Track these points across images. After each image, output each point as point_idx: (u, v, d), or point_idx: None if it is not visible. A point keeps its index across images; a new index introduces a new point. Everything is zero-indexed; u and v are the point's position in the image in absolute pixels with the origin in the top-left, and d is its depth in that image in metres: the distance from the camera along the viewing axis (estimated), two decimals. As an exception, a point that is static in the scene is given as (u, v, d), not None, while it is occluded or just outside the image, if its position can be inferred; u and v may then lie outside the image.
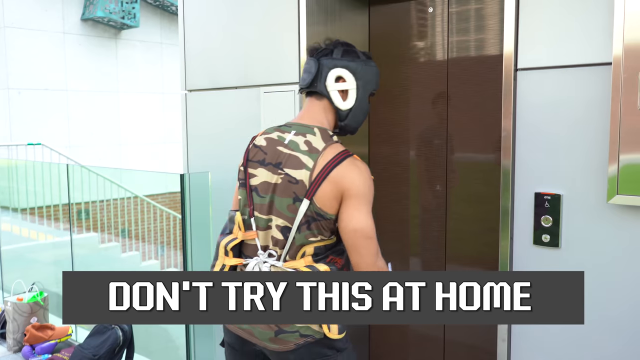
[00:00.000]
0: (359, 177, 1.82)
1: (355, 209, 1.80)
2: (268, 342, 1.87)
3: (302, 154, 1.85)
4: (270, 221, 1.88)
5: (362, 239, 1.81)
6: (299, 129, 1.92)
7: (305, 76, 1.94)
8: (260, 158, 1.93)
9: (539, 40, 2.16)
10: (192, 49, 3.50)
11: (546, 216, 2.17)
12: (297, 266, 1.84)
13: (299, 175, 1.83)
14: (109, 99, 10.63)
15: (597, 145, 2.04)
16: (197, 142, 3.53)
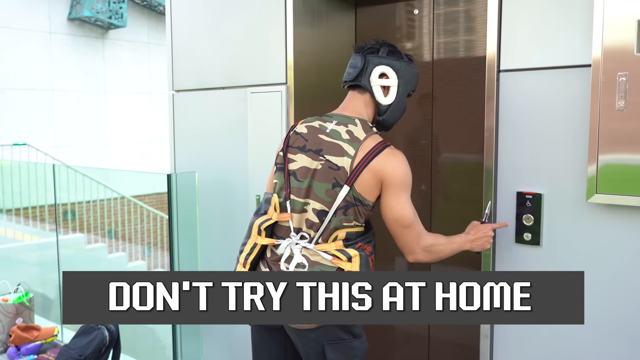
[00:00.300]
0: (397, 166, 1.93)
1: (393, 199, 1.93)
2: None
3: (344, 142, 1.95)
4: (307, 205, 1.96)
5: (400, 228, 1.95)
6: (340, 119, 2.02)
7: (351, 70, 2.05)
8: (301, 144, 2.01)
9: (521, 42, 2.20)
10: (179, 49, 3.51)
11: (528, 215, 2.21)
12: (329, 249, 1.93)
13: (341, 162, 1.92)
14: (95, 99, 10.58)
15: (577, 145, 2.08)
16: (184, 143, 3.54)
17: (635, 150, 1.91)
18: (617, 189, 1.96)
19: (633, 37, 1.90)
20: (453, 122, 2.91)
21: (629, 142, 1.92)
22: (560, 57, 2.12)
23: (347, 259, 1.92)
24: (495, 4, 2.24)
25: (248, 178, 3.15)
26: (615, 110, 1.94)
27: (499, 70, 2.26)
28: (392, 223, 1.96)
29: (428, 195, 2.99)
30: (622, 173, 1.94)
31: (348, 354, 1.96)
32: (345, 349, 1.95)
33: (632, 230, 1.99)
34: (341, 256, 1.92)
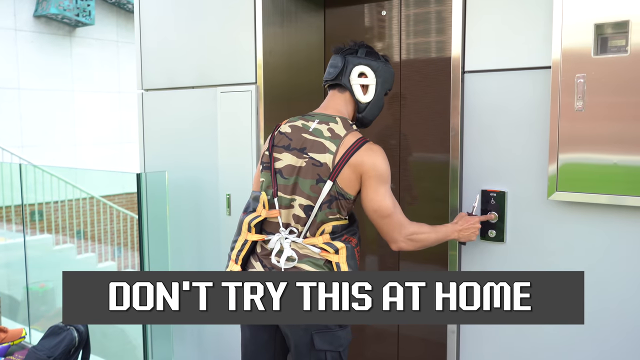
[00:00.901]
0: (375, 159, 2.04)
1: (373, 191, 2.04)
2: None
3: (325, 139, 2.05)
4: (294, 200, 2.06)
5: (381, 218, 2.06)
6: (322, 117, 2.13)
7: (332, 70, 2.16)
8: (286, 143, 2.11)
9: (485, 44, 2.26)
10: (148, 48, 3.50)
11: (492, 212, 2.27)
12: (316, 242, 2.04)
13: (323, 159, 2.03)
14: (63, 97, 10.41)
15: (538, 145, 2.15)
16: (154, 142, 3.53)
17: (593, 150, 1.98)
18: (577, 187, 2.03)
19: (590, 40, 1.97)
20: (421, 121, 2.96)
21: (587, 141, 1.99)
22: (522, 59, 2.18)
23: (334, 251, 2.03)
24: (460, 7, 2.29)
25: (218, 177, 3.15)
26: (574, 111, 2.01)
27: (464, 71, 2.32)
28: (373, 214, 2.06)
29: (397, 194, 3.04)
30: (581, 171, 2.01)
31: (334, 342, 2.05)
32: (332, 338, 2.05)
33: (592, 227, 2.06)
34: (328, 249, 2.03)
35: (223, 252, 3.15)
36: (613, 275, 2.04)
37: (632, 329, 2.02)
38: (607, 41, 1.98)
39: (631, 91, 1.91)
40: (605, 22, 1.95)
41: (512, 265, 2.25)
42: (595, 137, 1.98)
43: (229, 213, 3.13)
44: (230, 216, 3.12)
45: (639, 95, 1.90)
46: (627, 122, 1.92)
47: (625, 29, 1.91)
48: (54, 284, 4.85)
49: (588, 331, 2.10)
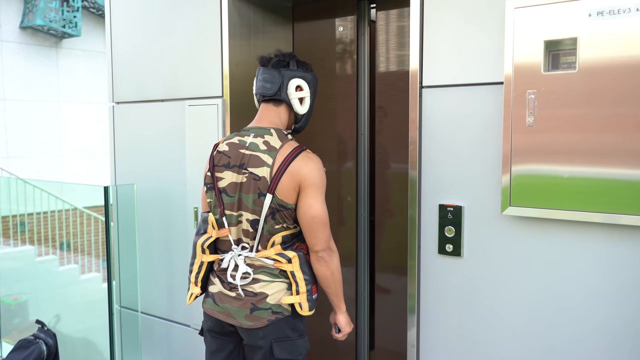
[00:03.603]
0: (313, 168, 2.07)
1: (312, 198, 2.06)
2: (244, 320, 2.10)
3: (262, 153, 2.09)
4: (241, 216, 2.11)
5: (319, 225, 2.07)
6: (257, 131, 2.16)
7: (269, 85, 2.17)
8: (225, 162, 2.15)
9: (442, 60, 2.28)
10: (119, 61, 3.51)
11: (449, 227, 2.28)
12: (269, 254, 2.09)
13: (261, 172, 2.07)
14: (49, 108, 10.40)
15: (493, 159, 2.17)
16: (124, 154, 3.53)
17: (544, 164, 2.00)
18: (529, 202, 2.04)
19: (541, 57, 1.99)
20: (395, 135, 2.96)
21: (538, 156, 2.01)
22: (476, 74, 2.20)
23: (287, 261, 2.09)
24: (417, 23, 2.31)
25: (187, 190, 3.15)
26: (525, 126, 2.03)
27: (422, 86, 2.34)
28: (310, 220, 2.07)
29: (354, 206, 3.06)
30: (532, 186, 2.03)
31: (293, 351, 2.12)
32: (291, 347, 2.11)
33: (544, 242, 2.07)
34: (281, 259, 2.08)
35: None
36: (568, 291, 2.05)
37: (585, 337, 2.03)
38: (558, 57, 2.00)
39: (581, 106, 1.92)
40: (554, 39, 1.97)
41: (469, 280, 2.26)
42: (546, 152, 1.99)
43: (196, 226, 3.12)
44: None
45: (588, 109, 1.91)
46: (577, 136, 1.93)
47: (574, 46, 1.93)
48: (27, 297, 4.82)
49: (544, 346, 2.11)
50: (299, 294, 2.09)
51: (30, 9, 9.87)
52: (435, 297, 2.35)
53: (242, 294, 2.10)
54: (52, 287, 6.69)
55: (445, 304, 2.32)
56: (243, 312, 2.10)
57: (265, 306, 2.08)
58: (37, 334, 3.55)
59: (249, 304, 2.09)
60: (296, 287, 2.09)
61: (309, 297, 2.11)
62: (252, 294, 2.10)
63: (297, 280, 2.09)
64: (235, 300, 2.12)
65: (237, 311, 2.11)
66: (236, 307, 2.11)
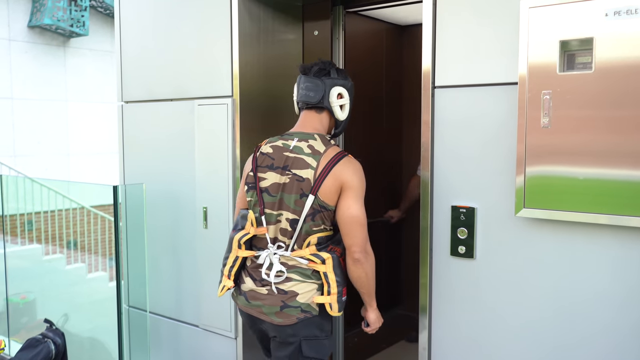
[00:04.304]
0: (354, 172, 2.17)
1: (351, 199, 2.15)
2: (274, 317, 2.18)
3: (306, 156, 2.19)
4: (280, 215, 2.20)
5: (356, 225, 2.15)
6: (301, 136, 2.26)
7: (312, 94, 2.26)
8: (269, 163, 2.24)
9: (455, 59, 2.26)
10: (128, 60, 3.50)
11: (462, 228, 2.26)
12: (304, 254, 2.17)
13: (305, 174, 2.16)
14: (56, 107, 10.41)
15: (507, 160, 2.14)
16: (133, 154, 3.53)
17: (560, 165, 1.97)
18: (544, 204, 2.01)
19: (556, 57, 1.97)
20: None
21: (553, 158, 1.98)
22: (490, 74, 2.18)
23: (321, 262, 2.16)
24: (430, 23, 2.29)
25: (196, 189, 3.14)
26: (540, 127, 2.00)
27: (434, 87, 2.32)
28: (349, 220, 2.14)
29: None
30: (548, 188, 2.00)
31: (320, 351, 2.21)
32: (318, 346, 2.21)
33: (558, 244, 2.05)
34: (315, 259, 2.16)
35: (200, 264, 3.14)
36: (581, 293, 2.02)
37: (594, 339, 2.00)
38: (573, 58, 1.97)
39: (597, 107, 1.90)
40: (570, 39, 1.94)
41: (481, 282, 2.24)
42: (561, 152, 1.97)
43: (205, 226, 3.11)
44: (207, 229, 3.11)
45: (604, 110, 1.89)
46: (593, 137, 1.91)
47: (590, 46, 1.91)
48: (35, 296, 4.82)
49: (554, 349, 2.09)
50: (330, 294, 2.16)
51: (38, 8, 9.89)
52: (447, 299, 2.33)
53: (274, 291, 2.18)
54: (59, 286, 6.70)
55: (457, 305, 2.30)
56: (274, 309, 2.18)
57: (294, 304, 2.16)
58: (45, 333, 3.54)
59: (279, 301, 2.17)
60: (328, 288, 2.16)
61: (339, 299, 2.17)
62: (282, 292, 2.18)
63: (329, 282, 2.16)
64: (267, 297, 2.20)
65: (268, 308, 2.19)
66: (267, 304, 2.19)
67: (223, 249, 3.02)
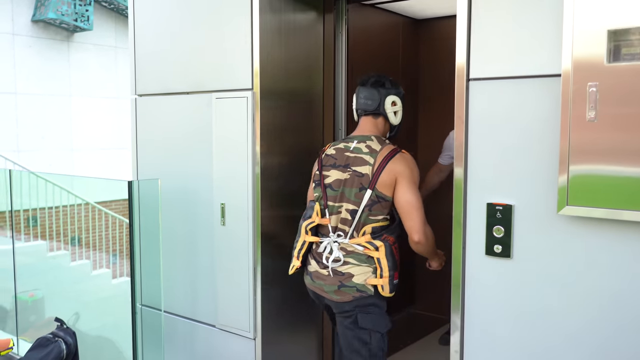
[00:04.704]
0: (406, 165, 2.49)
1: (405, 187, 2.46)
2: (333, 295, 2.53)
3: (364, 154, 2.51)
4: (341, 207, 2.52)
5: (412, 209, 2.44)
6: (360, 138, 2.59)
7: (370, 102, 2.60)
8: (332, 163, 2.59)
9: (491, 51, 2.17)
10: (142, 52, 3.40)
11: (498, 226, 2.17)
12: (360, 242, 2.48)
13: (364, 170, 2.49)
14: (60, 102, 10.30)
15: (547, 156, 2.05)
16: (147, 148, 3.43)
17: (606, 161, 1.88)
18: (589, 201, 1.92)
19: (603, 47, 1.87)
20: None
21: (599, 153, 1.89)
22: (530, 66, 2.08)
23: (374, 249, 2.45)
24: (465, 11, 2.19)
25: (213, 185, 3.05)
26: (585, 121, 1.91)
27: (469, 79, 2.22)
28: (405, 204, 2.45)
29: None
30: (593, 184, 1.91)
31: (376, 324, 2.49)
32: (373, 319, 2.49)
33: (604, 243, 1.95)
34: (370, 247, 2.46)
35: (217, 262, 3.06)
36: (627, 295, 1.93)
37: (646, 351, 1.91)
38: (620, 48, 1.88)
39: (646, 101, 1.81)
40: (618, 29, 1.85)
41: (518, 282, 2.14)
42: (608, 148, 1.87)
43: (223, 223, 3.02)
44: (224, 226, 3.02)
45: (654, 105, 1.80)
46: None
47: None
48: (43, 294, 4.73)
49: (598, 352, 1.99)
50: (382, 277, 2.44)
51: (42, 2, 9.78)
52: (481, 300, 2.24)
53: (331, 274, 2.50)
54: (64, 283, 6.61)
55: (492, 307, 2.21)
56: (332, 288, 2.51)
57: (350, 284, 2.47)
58: (56, 332, 3.45)
59: (337, 281, 2.50)
60: (380, 272, 2.44)
61: (390, 281, 2.45)
62: (340, 274, 2.50)
63: (381, 267, 2.44)
64: (327, 277, 2.53)
65: (328, 287, 2.53)
66: (327, 284, 2.53)
67: (241, 246, 2.94)
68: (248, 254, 2.94)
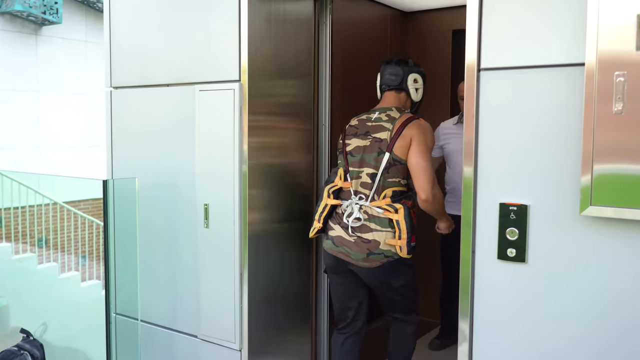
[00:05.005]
0: (419, 130, 2.63)
1: (416, 150, 2.60)
2: (361, 262, 2.65)
3: (384, 122, 2.68)
4: (362, 172, 2.68)
5: (420, 169, 2.59)
6: (381, 110, 2.74)
7: (394, 77, 2.76)
8: (353, 132, 2.75)
9: (504, 37, 2.00)
10: (119, 42, 3.17)
11: (512, 228, 2.01)
12: (380, 204, 2.62)
13: (383, 136, 2.65)
14: (27, 98, 9.90)
15: (567, 152, 1.89)
16: (123, 144, 3.20)
17: (635, 159, 1.72)
18: (615, 201, 1.77)
19: (632, 34, 1.72)
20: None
21: (627, 149, 1.74)
22: (550, 54, 1.92)
23: (394, 211, 2.59)
24: (477, -5, 2.02)
25: (196, 184, 2.84)
26: (612, 114, 1.75)
27: (480, 69, 2.05)
28: (416, 165, 2.59)
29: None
30: (620, 183, 1.75)
31: (406, 278, 2.71)
32: (403, 275, 2.69)
33: (632, 247, 1.80)
34: (390, 209, 2.60)
35: (200, 267, 2.85)
36: (653, 303, 1.78)
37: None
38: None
39: (679, 92, 1.66)
40: (650, 13, 1.69)
41: (534, 288, 1.98)
42: (637, 143, 1.72)
43: (206, 225, 2.81)
44: (208, 228, 2.80)
45: (688, 96, 1.65)
46: (674, 128, 1.67)
47: (674, 20, 1.66)
48: (8, 300, 4.43)
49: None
50: (400, 239, 2.58)
51: (8, -7, 9.38)
52: (493, 307, 2.07)
53: (359, 240, 2.62)
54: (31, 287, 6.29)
55: (504, 314, 2.05)
56: (360, 256, 2.63)
57: (378, 251, 2.61)
58: (21, 344, 3.20)
59: (365, 249, 2.62)
60: (399, 234, 2.58)
61: (408, 243, 2.59)
62: (367, 241, 2.61)
63: (400, 228, 2.57)
64: (354, 245, 2.64)
65: (356, 254, 2.64)
66: (354, 251, 2.64)
67: (227, 250, 2.74)
68: (234, 258, 2.73)
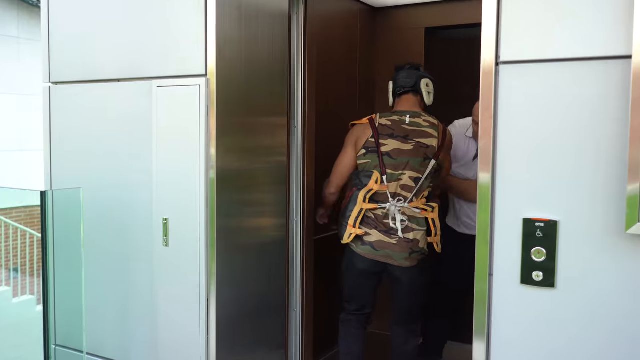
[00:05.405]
0: (451, 140, 2.96)
1: (449, 157, 2.99)
2: (403, 261, 2.72)
3: (426, 128, 2.77)
4: (403, 175, 2.72)
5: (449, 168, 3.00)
6: (411, 114, 2.80)
7: (409, 80, 2.86)
8: (389, 132, 2.74)
9: (528, 25, 1.72)
10: (59, 29, 2.75)
11: (538, 248, 1.73)
12: (419, 205, 2.73)
13: (430, 142, 2.75)
14: (-48, 99, 9.17)
15: (606, 160, 1.62)
16: (64, 148, 2.77)
17: (694, 167, 1.47)
18: (668, 217, 1.51)
19: (690, 20, 1.47)
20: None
21: (685, 155, 1.48)
22: (582, 45, 1.65)
23: (431, 210, 2.75)
24: (498, -24, 1.74)
25: (153, 195, 2.45)
26: (664, 114, 1.50)
27: (498, 62, 1.77)
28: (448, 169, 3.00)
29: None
30: (676, 196, 1.50)
31: (432, 275, 2.87)
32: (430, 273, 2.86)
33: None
34: (427, 208, 2.74)
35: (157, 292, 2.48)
36: None
37: None
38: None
39: None
40: None
41: (563, 320, 1.70)
42: (696, 150, 1.47)
43: (166, 243, 2.42)
44: (167, 247, 2.42)
45: None
46: None
47: None
48: None
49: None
50: (436, 236, 2.76)
51: None
52: (514, 340, 1.78)
53: (403, 241, 2.68)
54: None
55: (528, 350, 1.76)
56: (404, 255, 2.70)
57: (417, 249, 2.71)
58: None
59: (408, 248, 2.70)
60: (435, 230, 2.75)
61: (440, 239, 2.79)
62: (409, 241, 2.69)
63: (435, 226, 2.74)
64: (397, 246, 2.69)
65: (398, 254, 2.70)
66: (397, 252, 2.70)
67: (190, 271, 2.36)
68: (199, 281, 2.36)
